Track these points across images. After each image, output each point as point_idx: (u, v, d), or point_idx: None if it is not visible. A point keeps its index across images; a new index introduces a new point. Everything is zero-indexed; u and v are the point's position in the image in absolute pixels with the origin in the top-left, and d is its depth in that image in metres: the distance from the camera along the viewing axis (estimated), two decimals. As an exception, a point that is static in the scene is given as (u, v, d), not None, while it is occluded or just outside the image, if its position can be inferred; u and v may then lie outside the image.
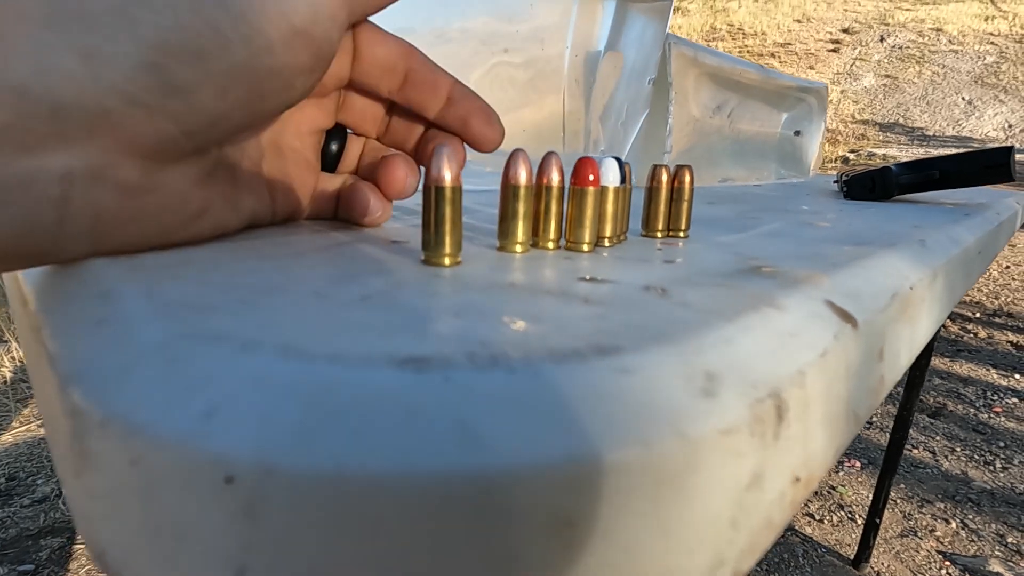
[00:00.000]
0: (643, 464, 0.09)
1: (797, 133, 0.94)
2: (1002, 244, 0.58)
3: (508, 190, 0.20)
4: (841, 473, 1.65)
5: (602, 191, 0.22)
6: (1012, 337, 2.55)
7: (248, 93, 0.17)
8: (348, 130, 0.27)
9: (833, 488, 1.59)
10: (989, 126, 8.57)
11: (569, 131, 0.61)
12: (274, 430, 0.08)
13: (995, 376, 2.22)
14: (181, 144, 0.17)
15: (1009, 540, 1.38)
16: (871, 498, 1.30)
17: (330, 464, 0.08)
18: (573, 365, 0.10)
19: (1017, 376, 2.22)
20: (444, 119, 0.24)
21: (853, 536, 1.40)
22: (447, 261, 0.18)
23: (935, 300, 0.26)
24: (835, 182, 0.88)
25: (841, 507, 1.52)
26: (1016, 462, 1.72)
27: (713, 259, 0.22)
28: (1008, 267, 3.45)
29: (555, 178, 0.22)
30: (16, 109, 0.13)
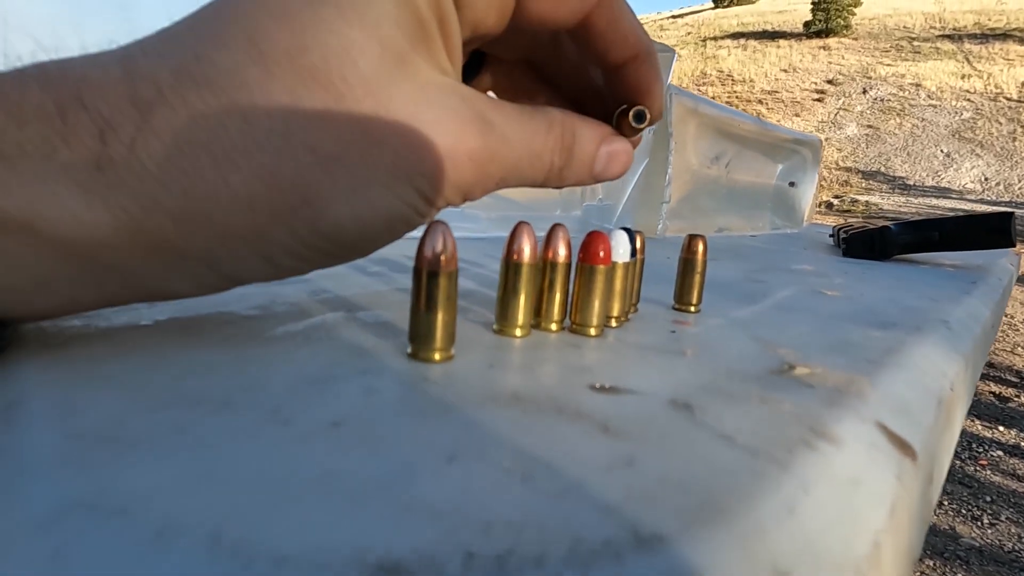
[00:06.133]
0: None
1: (792, 184, 0.94)
2: (1003, 312, 0.57)
3: (510, 267, 0.18)
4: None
5: (612, 268, 0.20)
6: (995, 388, 2.56)
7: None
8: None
9: (821, 541, 1.55)
10: (967, 178, 8.87)
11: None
12: None
13: (979, 427, 2.21)
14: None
15: (1000, 602, 1.35)
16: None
17: None
18: (604, 569, 0.07)
19: (1001, 428, 2.22)
20: (611, 79, 0.19)
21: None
22: (438, 357, 0.15)
23: (966, 393, 0.24)
24: (831, 236, 0.87)
25: (829, 562, 1.48)
26: (1003, 518, 1.70)
27: (735, 348, 0.20)
28: (989, 317, 3.49)
29: (562, 253, 0.19)
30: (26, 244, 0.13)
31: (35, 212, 0.12)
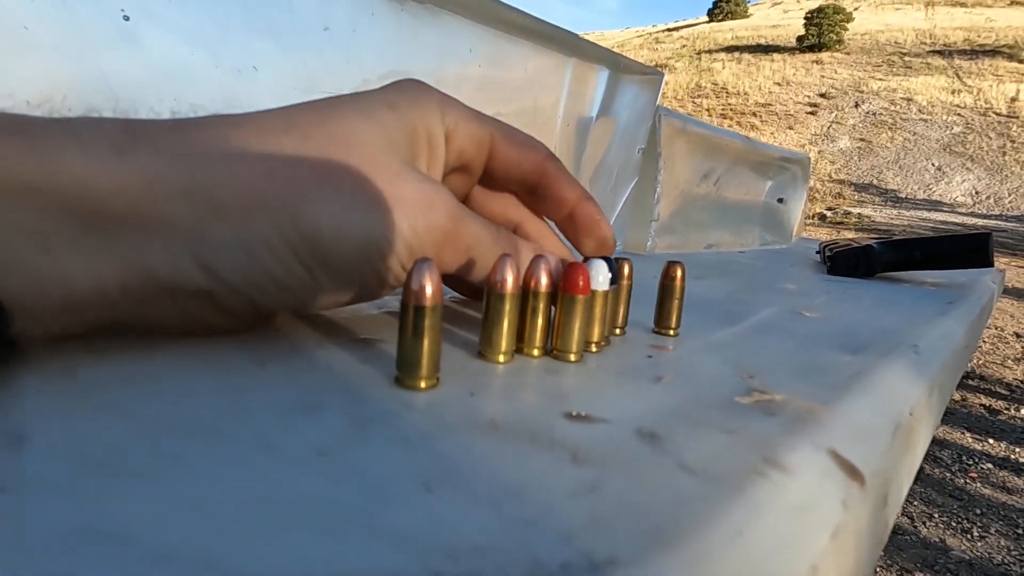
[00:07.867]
0: None
1: (781, 201, 0.96)
2: (982, 330, 0.58)
3: (493, 298, 0.19)
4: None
5: (591, 297, 0.21)
6: (985, 400, 2.58)
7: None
8: None
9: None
10: (958, 191, 8.97)
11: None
12: None
13: (970, 439, 2.23)
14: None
15: (989, 617, 1.35)
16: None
17: None
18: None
19: (991, 440, 2.23)
20: (563, 229, 0.26)
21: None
22: (423, 384, 0.16)
23: (930, 417, 0.25)
24: (817, 252, 0.89)
25: (821, 574, 1.48)
26: (993, 531, 1.71)
27: (707, 373, 0.21)
28: (979, 330, 3.52)
29: (543, 283, 0.20)
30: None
31: (41, 172, 0.14)
